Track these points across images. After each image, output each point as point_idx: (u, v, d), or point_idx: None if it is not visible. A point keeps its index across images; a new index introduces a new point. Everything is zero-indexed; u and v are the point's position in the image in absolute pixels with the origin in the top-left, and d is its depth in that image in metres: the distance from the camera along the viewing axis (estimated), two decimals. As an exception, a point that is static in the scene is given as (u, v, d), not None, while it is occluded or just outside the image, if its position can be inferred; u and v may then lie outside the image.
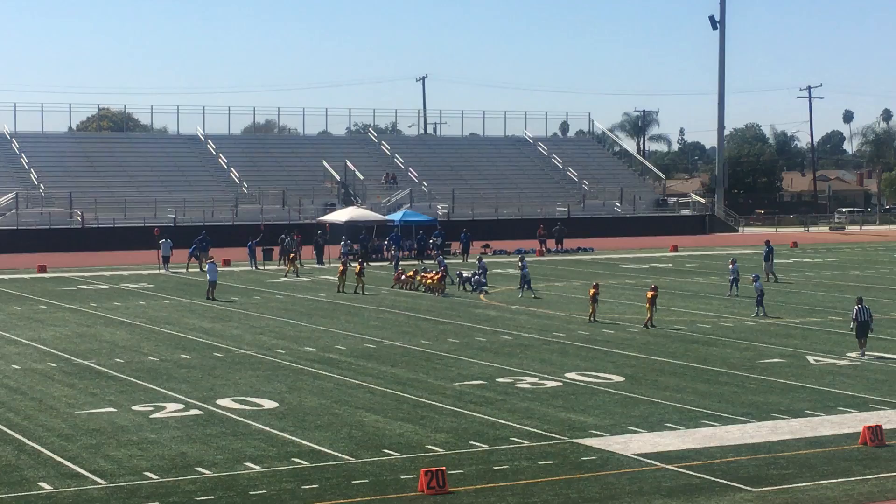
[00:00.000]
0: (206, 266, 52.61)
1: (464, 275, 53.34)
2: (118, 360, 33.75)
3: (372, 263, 66.56)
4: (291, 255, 61.94)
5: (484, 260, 55.75)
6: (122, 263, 68.26)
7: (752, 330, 39.82)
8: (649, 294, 40.51)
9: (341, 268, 53.55)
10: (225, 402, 27.53)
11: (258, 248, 66.38)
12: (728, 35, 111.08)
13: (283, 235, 67.34)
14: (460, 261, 69.53)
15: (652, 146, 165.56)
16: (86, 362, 33.30)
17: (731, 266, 50.72)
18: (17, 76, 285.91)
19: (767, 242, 58.74)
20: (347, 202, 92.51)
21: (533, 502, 19.38)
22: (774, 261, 58.00)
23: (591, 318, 41.56)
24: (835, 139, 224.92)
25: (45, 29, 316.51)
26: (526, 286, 49.92)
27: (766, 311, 43.12)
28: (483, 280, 51.98)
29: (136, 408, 26.87)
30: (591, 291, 42.16)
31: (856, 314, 34.11)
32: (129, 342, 37.31)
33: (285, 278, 58.81)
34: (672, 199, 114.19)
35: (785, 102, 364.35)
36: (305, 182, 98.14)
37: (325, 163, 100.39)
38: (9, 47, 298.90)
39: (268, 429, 24.68)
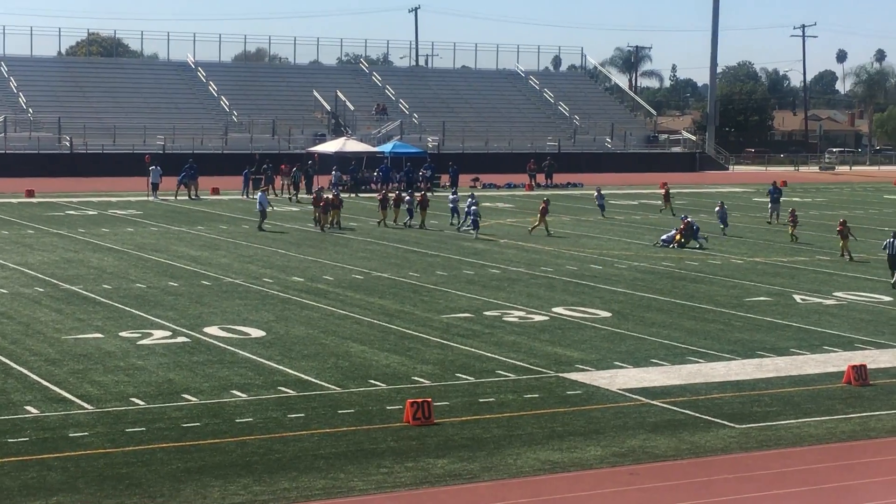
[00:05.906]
0: (258, 195, 50.89)
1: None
2: (105, 286, 33.72)
3: (361, 195, 66.65)
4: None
5: (476, 195, 53.68)
6: (110, 190, 68.06)
7: (740, 268, 39.91)
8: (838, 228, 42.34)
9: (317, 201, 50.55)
10: (212, 329, 27.55)
11: (252, 177, 66.12)
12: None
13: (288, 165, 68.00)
14: (448, 194, 69.39)
15: (644, 82, 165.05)
16: (73, 288, 33.26)
17: (717, 209, 50.75)
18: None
19: (775, 184, 58.38)
20: (337, 133, 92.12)
21: (518, 435, 19.47)
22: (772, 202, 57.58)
23: (843, 254, 42.44)
24: (827, 78, 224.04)
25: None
26: (472, 224, 47.36)
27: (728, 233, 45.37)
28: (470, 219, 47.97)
29: (123, 334, 26.88)
30: (839, 228, 42.68)
31: (885, 245, 35.86)
32: (117, 268, 37.25)
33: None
34: (663, 136, 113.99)
35: (778, 41, 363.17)
36: (296, 112, 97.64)
37: (315, 93, 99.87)
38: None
39: (255, 357, 24.72)
